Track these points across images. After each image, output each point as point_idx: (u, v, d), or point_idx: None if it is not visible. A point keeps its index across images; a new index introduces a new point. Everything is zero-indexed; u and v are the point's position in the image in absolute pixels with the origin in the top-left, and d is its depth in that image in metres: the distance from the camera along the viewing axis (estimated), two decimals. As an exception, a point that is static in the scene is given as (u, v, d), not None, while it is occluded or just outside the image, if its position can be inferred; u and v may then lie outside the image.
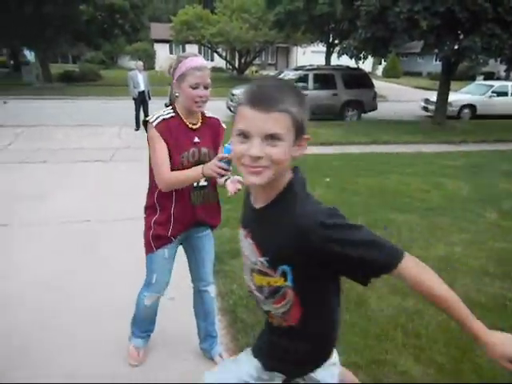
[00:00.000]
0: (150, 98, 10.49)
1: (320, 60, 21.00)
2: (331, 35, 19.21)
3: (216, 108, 11.90)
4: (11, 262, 3.55)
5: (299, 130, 1.02)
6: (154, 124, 1.91)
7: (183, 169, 1.92)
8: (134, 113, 10.42)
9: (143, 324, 2.38)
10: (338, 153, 8.38)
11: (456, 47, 10.00)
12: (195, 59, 1.88)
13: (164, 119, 1.93)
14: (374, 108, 13.34)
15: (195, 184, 2.01)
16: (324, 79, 12.70)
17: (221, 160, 1.76)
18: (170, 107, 1.99)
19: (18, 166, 6.78)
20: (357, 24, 10.62)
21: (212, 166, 1.78)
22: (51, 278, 3.28)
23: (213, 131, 2.08)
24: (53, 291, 3.10)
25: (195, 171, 1.88)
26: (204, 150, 1.99)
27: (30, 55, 28.57)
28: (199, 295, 2.33)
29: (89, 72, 23.22)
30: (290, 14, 17.27)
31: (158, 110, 1.98)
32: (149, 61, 30.80)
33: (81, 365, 2.37)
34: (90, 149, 8.23)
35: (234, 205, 4.91)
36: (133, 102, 10.43)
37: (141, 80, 10.22)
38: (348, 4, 10.82)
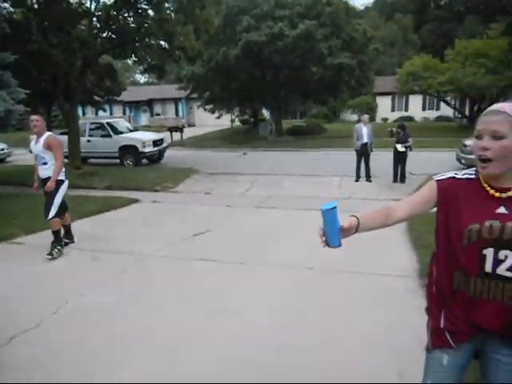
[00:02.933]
0: (371, 150, 10.48)
1: None
2: None
3: (443, 159, 10.94)
4: (243, 299, 3.84)
5: None
6: (436, 178, 1.58)
7: (471, 245, 1.44)
8: (356, 164, 10.55)
9: None
10: None
11: None
12: (487, 111, 1.47)
13: (453, 177, 1.55)
14: None
15: (486, 269, 1.44)
16: None
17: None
18: (475, 168, 1.55)
19: (253, 210, 7.62)
20: None
21: None
22: (275, 326, 3.37)
23: None
24: (276, 342, 3.17)
25: None
26: (511, 225, 1.40)
27: (266, 113, 33.19)
28: None
29: (314, 126, 25.25)
30: (542, 52, 14.82)
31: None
32: (371, 113, 31.44)
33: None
34: (312, 197, 8.63)
35: None
36: (355, 153, 10.63)
37: (365, 132, 10.34)
38: None
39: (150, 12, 12.88)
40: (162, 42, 14.13)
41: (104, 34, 12.91)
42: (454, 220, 1.50)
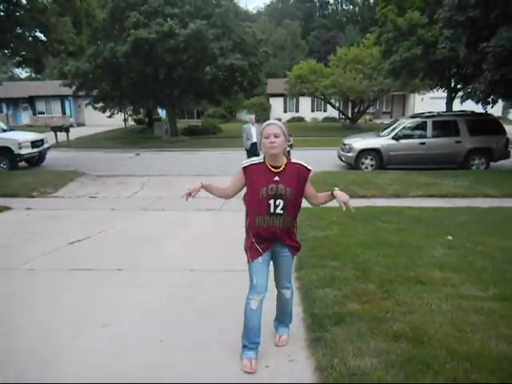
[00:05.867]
0: (261, 149, 10.84)
1: (440, 106, 19.77)
2: (453, 80, 18.02)
3: (327, 157, 11.60)
4: (118, 309, 3.68)
5: None
6: (243, 166, 2.74)
7: (263, 199, 2.65)
8: (246, 163, 10.83)
9: (251, 335, 2.76)
10: (463, 206, 7.46)
11: None
12: (268, 122, 2.71)
13: (253, 164, 2.74)
14: (507, 156, 11.86)
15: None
16: (445, 126, 11.77)
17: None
18: (263, 156, 2.74)
19: (140, 213, 7.36)
20: (482, 67, 9.74)
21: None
22: (147, 335, 3.30)
23: (297, 174, 2.70)
24: (155, 344, 3.10)
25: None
26: (281, 186, 2.64)
27: (162, 112, 32.40)
28: (278, 296, 3.02)
29: (209, 125, 25.32)
30: (407, 61, 16.75)
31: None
32: (264, 114, 32.52)
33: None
34: (203, 198, 8.60)
35: (341, 262, 4.54)
36: (245, 152, 10.90)
37: (254, 132, 10.66)
38: (472, 47, 10.03)
39: (23, 0, 11.74)
40: (39, 34, 13.00)
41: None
42: (255, 185, 2.67)
